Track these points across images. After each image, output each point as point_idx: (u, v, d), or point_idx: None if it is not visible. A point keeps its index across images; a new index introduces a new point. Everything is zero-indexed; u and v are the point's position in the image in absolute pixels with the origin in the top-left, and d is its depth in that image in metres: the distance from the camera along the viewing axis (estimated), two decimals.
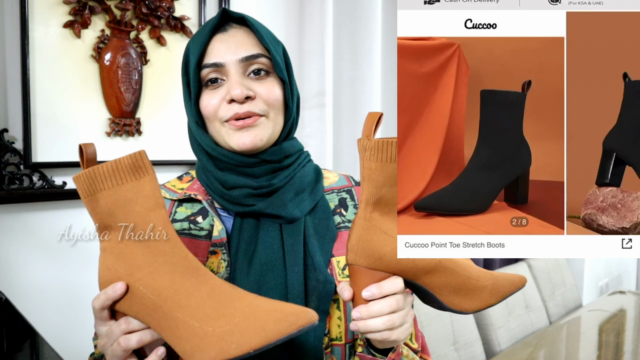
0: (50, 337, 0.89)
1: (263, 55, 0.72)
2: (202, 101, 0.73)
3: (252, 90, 0.71)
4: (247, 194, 0.73)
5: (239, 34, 0.73)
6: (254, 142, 0.71)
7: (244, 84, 0.71)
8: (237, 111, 0.70)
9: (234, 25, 0.74)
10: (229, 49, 0.71)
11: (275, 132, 0.74)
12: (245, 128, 0.71)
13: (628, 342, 2.04)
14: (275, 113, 0.73)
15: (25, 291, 1.17)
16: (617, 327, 2.25)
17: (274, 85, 0.73)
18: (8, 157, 1.14)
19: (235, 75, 0.71)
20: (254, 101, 0.71)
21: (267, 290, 0.69)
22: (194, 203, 0.76)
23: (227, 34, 0.73)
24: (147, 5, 1.33)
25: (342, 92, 1.76)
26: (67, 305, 1.22)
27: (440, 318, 1.92)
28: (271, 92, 0.72)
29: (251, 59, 0.71)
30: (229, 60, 0.71)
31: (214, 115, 0.72)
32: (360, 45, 1.75)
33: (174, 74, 1.40)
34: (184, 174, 0.82)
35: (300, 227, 0.73)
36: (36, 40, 1.17)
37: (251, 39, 0.73)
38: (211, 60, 0.71)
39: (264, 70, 0.73)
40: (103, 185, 0.55)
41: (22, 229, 1.18)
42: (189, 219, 0.74)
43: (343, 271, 0.72)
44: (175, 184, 0.79)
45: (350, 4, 1.76)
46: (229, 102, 0.71)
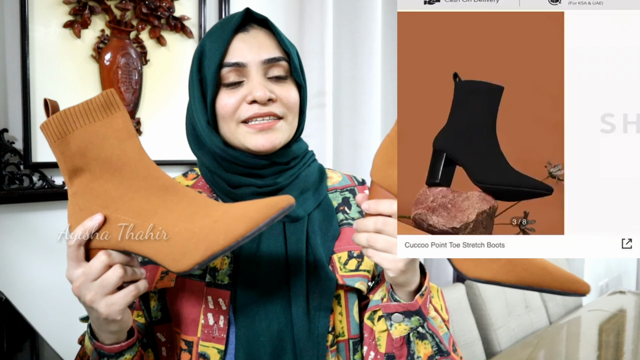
0: (50, 337, 0.89)
1: (283, 59, 0.73)
2: (220, 100, 0.72)
3: (273, 93, 0.71)
4: (252, 192, 0.73)
5: (261, 35, 0.73)
6: (273, 145, 0.72)
7: (266, 86, 0.71)
8: (257, 111, 0.70)
9: (255, 26, 0.73)
10: (251, 49, 0.71)
11: (290, 135, 0.75)
12: (264, 130, 0.71)
13: (628, 342, 2.04)
14: (293, 116, 0.74)
15: (25, 291, 1.17)
16: (617, 327, 2.25)
17: (291, 89, 0.74)
18: (8, 157, 1.14)
19: (257, 76, 0.71)
20: (275, 103, 0.72)
21: (270, 288, 0.69)
22: None
23: (249, 34, 0.72)
24: (147, 5, 1.33)
25: (342, 92, 1.76)
26: (67, 305, 1.22)
27: None
28: (290, 96, 0.73)
29: (273, 61, 0.71)
30: (251, 60, 0.71)
31: (231, 116, 0.71)
32: (360, 45, 1.75)
33: (174, 74, 1.40)
34: (189, 171, 0.82)
35: (304, 225, 0.73)
36: (36, 40, 1.17)
37: (272, 42, 0.73)
38: (232, 59, 0.70)
39: (282, 76, 0.73)
40: (75, 125, 0.55)
41: (22, 229, 1.18)
42: None
43: (345, 266, 0.72)
44: (180, 181, 0.80)
45: (350, 4, 1.76)
46: (250, 102, 0.70)
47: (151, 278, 0.71)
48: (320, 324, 0.69)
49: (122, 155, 0.57)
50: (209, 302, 0.69)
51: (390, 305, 0.65)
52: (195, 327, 0.70)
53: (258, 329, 0.69)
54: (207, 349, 0.69)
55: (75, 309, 1.22)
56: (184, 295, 0.71)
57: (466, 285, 2.17)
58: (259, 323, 0.69)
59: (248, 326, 0.69)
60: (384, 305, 0.65)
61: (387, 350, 0.68)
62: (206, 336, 0.69)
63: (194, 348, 0.70)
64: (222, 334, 0.69)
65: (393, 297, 0.65)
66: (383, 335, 0.69)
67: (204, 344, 0.69)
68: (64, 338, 0.80)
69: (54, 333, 0.99)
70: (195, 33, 1.44)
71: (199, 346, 0.69)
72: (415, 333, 0.66)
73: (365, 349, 0.73)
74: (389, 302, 0.65)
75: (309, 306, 0.70)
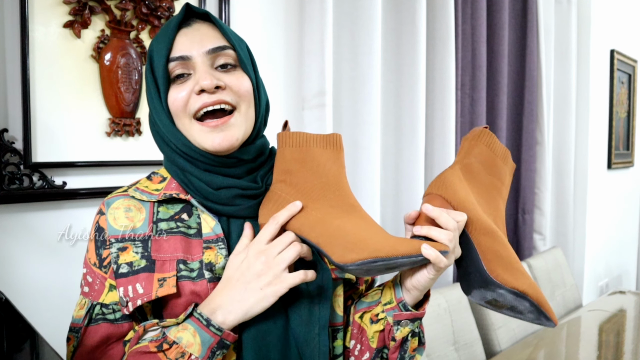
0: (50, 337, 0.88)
1: (229, 48, 0.72)
2: (170, 96, 0.72)
3: (221, 81, 0.71)
4: (235, 194, 0.73)
5: (203, 27, 0.73)
6: (230, 142, 0.71)
7: (213, 74, 0.70)
8: (206, 101, 0.70)
9: (198, 21, 0.74)
10: (194, 42, 0.71)
11: (248, 129, 0.74)
12: (219, 127, 0.70)
13: (628, 342, 2.03)
14: (247, 106, 0.73)
15: (25, 291, 1.17)
16: (617, 327, 2.25)
17: (242, 77, 0.73)
18: (8, 157, 1.14)
19: (202, 66, 0.71)
20: (224, 91, 0.71)
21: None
22: (174, 203, 0.75)
23: (192, 28, 0.73)
24: (147, 5, 1.33)
25: (342, 92, 1.76)
26: (67, 305, 1.22)
27: (440, 318, 1.92)
28: (241, 83, 0.72)
29: (217, 50, 0.72)
30: (195, 52, 0.71)
31: (182, 110, 0.71)
32: (360, 45, 1.75)
33: None
34: (152, 174, 0.79)
35: None
36: (36, 40, 1.17)
37: (215, 33, 0.73)
38: (177, 53, 0.71)
39: (230, 64, 0.73)
40: (309, 144, 0.72)
41: (22, 229, 1.18)
42: (174, 218, 0.73)
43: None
44: (148, 185, 0.77)
45: (350, 4, 1.76)
46: (198, 93, 0.70)
47: (148, 287, 0.69)
48: (321, 316, 0.71)
49: (333, 177, 0.71)
50: None
51: (403, 314, 0.72)
52: None
53: (265, 329, 0.69)
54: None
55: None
56: (188, 298, 0.70)
57: None
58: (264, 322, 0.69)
59: (255, 327, 0.69)
60: (397, 314, 0.72)
61: (378, 345, 0.75)
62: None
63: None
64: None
65: (405, 307, 0.72)
66: (377, 335, 0.75)
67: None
68: (64, 338, 0.79)
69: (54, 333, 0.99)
70: None
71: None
72: (413, 333, 0.75)
73: (353, 342, 0.78)
74: (401, 312, 0.72)
75: (309, 299, 0.71)
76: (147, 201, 0.74)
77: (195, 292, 0.70)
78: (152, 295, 0.68)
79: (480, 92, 2.33)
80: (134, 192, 0.75)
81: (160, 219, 0.73)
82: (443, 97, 2.10)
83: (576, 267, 3.20)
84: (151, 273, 0.69)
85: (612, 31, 3.43)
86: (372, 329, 0.75)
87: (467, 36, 2.30)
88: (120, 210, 0.73)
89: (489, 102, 2.49)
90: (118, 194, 0.75)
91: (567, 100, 3.02)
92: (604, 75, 3.35)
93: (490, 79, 2.48)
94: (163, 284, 0.69)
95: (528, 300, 0.65)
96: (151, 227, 0.72)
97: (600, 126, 3.34)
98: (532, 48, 2.68)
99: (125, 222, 0.72)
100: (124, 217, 0.72)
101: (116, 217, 0.72)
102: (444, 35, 2.07)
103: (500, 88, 2.50)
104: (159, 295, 0.68)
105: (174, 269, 0.70)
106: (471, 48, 2.32)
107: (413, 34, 1.94)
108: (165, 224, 0.72)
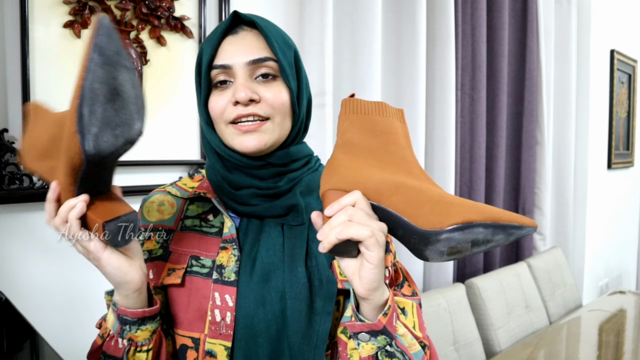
0: (50, 337, 0.89)
1: (271, 59, 0.73)
2: (210, 102, 0.74)
3: (257, 94, 0.71)
4: (252, 194, 0.74)
5: (249, 36, 0.74)
6: (258, 146, 0.72)
7: (249, 87, 0.71)
8: (240, 113, 0.71)
9: (245, 28, 0.74)
10: (237, 51, 0.72)
11: (282, 136, 0.75)
12: (249, 132, 0.72)
13: (628, 342, 2.04)
14: (282, 117, 0.74)
15: (25, 291, 1.17)
16: (617, 327, 2.25)
17: (281, 90, 0.73)
18: (8, 157, 1.14)
19: (241, 77, 0.72)
20: (258, 104, 0.72)
21: (270, 291, 0.69)
22: (205, 202, 0.78)
23: (237, 36, 0.74)
24: (147, 5, 1.33)
25: (342, 92, 1.76)
26: (67, 305, 1.22)
27: (440, 318, 1.92)
28: (277, 97, 0.73)
29: (258, 62, 0.72)
30: (236, 62, 0.72)
31: (219, 117, 0.73)
32: (360, 45, 1.75)
33: (174, 74, 1.40)
34: (195, 173, 0.84)
35: (304, 229, 0.73)
36: (36, 40, 1.17)
37: (260, 42, 0.73)
38: (220, 61, 0.73)
39: (271, 74, 0.73)
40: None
41: (22, 229, 1.18)
42: (200, 216, 0.77)
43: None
44: (186, 183, 0.82)
45: (350, 4, 1.76)
46: (234, 104, 0.71)
47: (158, 274, 0.73)
48: (321, 328, 0.69)
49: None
50: (216, 298, 0.70)
51: (355, 324, 0.63)
52: (202, 324, 0.70)
53: (257, 330, 0.69)
54: (214, 346, 0.69)
55: (75, 309, 1.22)
56: (191, 292, 0.72)
57: (466, 285, 2.17)
58: (257, 324, 0.69)
59: (247, 327, 0.69)
60: (350, 325, 0.63)
61: None
62: (213, 333, 0.69)
63: (200, 345, 0.70)
64: (229, 330, 0.69)
65: (358, 317, 0.63)
66: (355, 352, 0.66)
67: (211, 341, 0.69)
68: (64, 338, 0.80)
69: (54, 333, 0.99)
70: (195, 33, 1.44)
71: (206, 343, 0.69)
72: (384, 352, 0.63)
73: None
74: (355, 322, 0.63)
75: (311, 310, 0.70)
76: (180, 197, 0.79)
77: (199, 288, 0.71)
78: (159, 281, 0.73)
79: (480, 92, 2.33)
80: (170, 188, 0.81)
81: (187, 216, 0.77)
82: (443, 97, 2.10)
83: (576, 267, 3.20)
84: (164, 262, 0.74)
85: (612, 31, 3.43)
86: (350, 345, 0.68)
87: (467, 36, 2.30)
88: (154, 204, 0.80)
89: (489, 102, 2.49)
90: (158, 190, 0.82)
91: (567, 100, 3.02)
92: (604, 75, 3.35)
93: (490, 79, 2.48)
94: (171, 274, 0.73)
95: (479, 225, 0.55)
96: (177, 222, 0.77)
97: (600, 126, 3.34)
98: (532, 48, 2.69)
99: (156, 215, 0.78)
100: (156, 210, 0.79)
101: (150, 210, 0.79)
102: (444, 35, 2.07)
103: (500, 88, 2.50)
104: (164, 283, 0.72)
105: (186, 262, 0.73)
106: (471, 48, 2.32)
107: (413, 34, 1.94)
108: (190, 221, 0.77)
